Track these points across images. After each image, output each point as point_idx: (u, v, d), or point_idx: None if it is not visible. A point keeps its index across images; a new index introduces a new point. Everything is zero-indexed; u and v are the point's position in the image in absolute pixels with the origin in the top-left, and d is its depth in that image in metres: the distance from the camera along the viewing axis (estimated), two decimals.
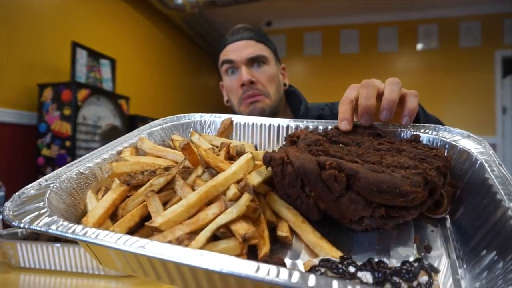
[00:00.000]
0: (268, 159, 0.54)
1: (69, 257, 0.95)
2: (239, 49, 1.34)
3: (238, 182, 0.51)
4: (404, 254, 0.49)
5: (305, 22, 5.90)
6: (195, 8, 4.80)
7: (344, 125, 0.64)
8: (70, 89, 3.02)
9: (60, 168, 0.57)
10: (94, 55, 3.54)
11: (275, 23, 6.00)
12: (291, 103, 1.46)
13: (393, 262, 0.47)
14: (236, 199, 0.47)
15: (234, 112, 1.40)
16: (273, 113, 1.34)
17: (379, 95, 0.65)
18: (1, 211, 1.33)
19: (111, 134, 3.52)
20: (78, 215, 0.54)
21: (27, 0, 3.08)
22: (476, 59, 5.28)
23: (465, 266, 0.47)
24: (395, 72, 5.62)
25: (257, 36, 1.38)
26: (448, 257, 0.49)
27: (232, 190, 0.48)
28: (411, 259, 0.48)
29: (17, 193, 0.49)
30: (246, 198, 0.47)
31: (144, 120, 4.25)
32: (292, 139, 0.63)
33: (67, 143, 3.00)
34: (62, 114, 3.02)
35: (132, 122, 3.93)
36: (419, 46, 5.59)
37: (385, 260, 0.47)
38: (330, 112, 1.39)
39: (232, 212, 0.45)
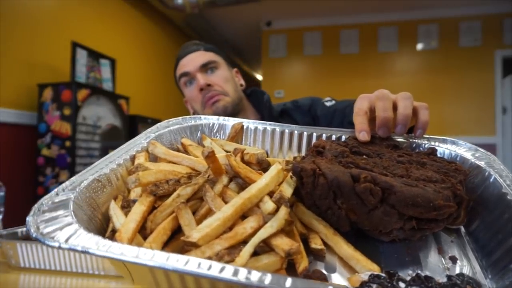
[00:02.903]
0: (299, 170, 0.53)
1: (69, 257, 0.95)
2: (191, 61, 1.43)
3: (269, 193, 0.50)
4: (436, 265, 0.50)
5: (305, 22, 5.89)
6: (195, 8, 4.80)
7: (363, 136, 0.66)
8: (70, 89, 3.02)
9: (75, 176, 0.55)
10: (94, 55, 3.54)
11: (275, 23, 6.00)
12: (253, 102, 1.54)
13: (427, 274, 0.48)
14: (273, 212, 0.47)
15: None
16: (236, 111, 1.42)
17: (393, 107, 0.68)
18: (1, 211, 1.33)
19: (111, 134, 3.52)
20: (98, 227, 0.52)
21: (27, 0, 3.08)
22: (476, 59, 5.28)
23: (490, 276, 0.49)
24: (395, 72, 5.62)
25: (204, 47, 1.48)
26: (472, 268, 0.50)
27: (270, 204, 0.47)
28: (442, 271, 0.49)
29: (36, 205, 0.46)
30: (284, 211, 0.46)
31: (144, 120, 4.25)
32: (318, 149, 0.62)
33: (67, 143, 3.00)
34: (62, 114, 3.02)
35: (132, 122, 3.93)
36: (419, 46, 5.59)
37: (419, 271, 0.48)
38: (292, 105, 1.46)
39: (272, 226, 0.44)
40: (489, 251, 0.51)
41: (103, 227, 0.53)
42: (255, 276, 0.34)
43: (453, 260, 0.51)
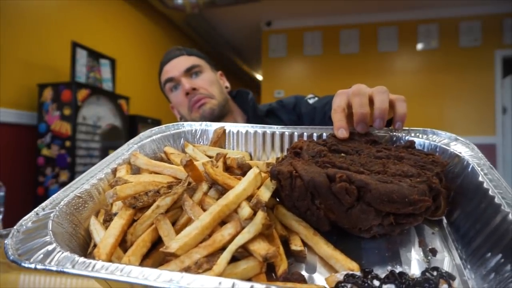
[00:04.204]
0: (276, 173, 0.54)
1: None
2: (175, 66, 1.44)
3: (248, 198, 0.50)
4: (414, 258, 0.51)
5: (305, 22, 5.89)
6: (195, 8, 4.80)
7: (342, 133, 0.67)
8: (70, 89, 3.02)
9: (56, 194, 0.55)
10: (94, 55, 3.54)
11: (275, 23, 6.00)
12: (239, 103, 1.55)
13: (406, 269, 0.49)
14: (251, 218, 0.47)
15: None
16: (223, 113, 1.43)
17: (370, 102, 0.68)
18: (1, 211, 1.33)
19: (111, 134, 3.52)
20: (81, 243, 0.52)
21: (27, 0, 3.08)
22: (476, 59, 5.28)
23: (469, 266, 0.49)
24: (395, 72, 5.61)
25: (187, 52, 1.49)
26: (452, 259, 0.51)
27: (247, 209, 0.47)
28: (422, 264, 0.50)
29: (15, 227, 0.46)
30: (261, 216, 0.46)
31: (144, 120, 4.25)
32: (296, 151, 0.63)
33: (67, 143, 3.00)
34: (62, 114, 3.02)
35: (132, 122, 3.93)
36: (419, 46, 5.59)
37: (398, 267, 0.49)
38: (277, 105, 1.48)
39: (249, 232, 0.45)
40: (469, 240, 0.52)
41: (86, 242, 0.54)
42: (226, 284, 0.35)
43: (433, 252, 0.52)
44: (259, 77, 8.91)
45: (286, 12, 5.69)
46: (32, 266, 0.39)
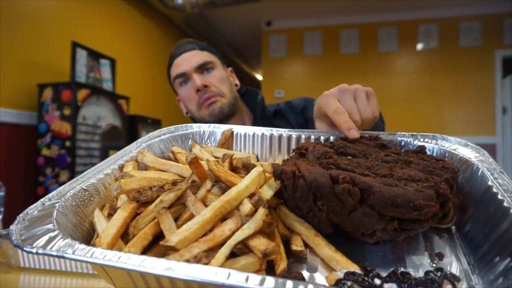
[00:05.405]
0: (279, 173, 0.53)
1: None
2: (186, 60, 1.41)
3: (250, 196, 0.50)
4: (419, 262, 0.50)
5: (305, 22, 5.89)
6: (195, 8, 4.80)
7: (353, 133, 0.66)
8: (70, 89, 3.02)
9: (62, 186, 0.56)
10: (94, 55, 3.54)
11: (275, 23, 6.00)
12: (247, 101, 1.53)
13: (410, 271, 0.47)
14: (252, 214, 0.47)
15: (195, 121, 1.46)
16: (232, 111, 1.41)
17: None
18: (1, 211, 1.33)
19: (111, 134, 3.52)
20: (84, 235, 0.53)
21: (27, 0, 3.08)
22: (476, 59, 5.27)
23: (477, 272, 0.48)
24: (395, 72, 5.61)
25: (199, 46, 1.46)
26: (460, 264, 0.50)
27: (248, 205, 0.47)
28: (428, 268, 0.49)
29: (21, 215, 0.47)
30: (262, 212, 0.46)
31: (144, 120, 4.25)
32: (301, 151, 0.62)
33: (67, 143, 3.00)
34: (62, 114, 3.02)
35: (132, 122, 3.93)
36: (419, 46, 5.59)
37: (401, 269, 0.48)
38: (285, 106, 1.46)
39: (249, 228, 0.45)
40: (477, 245, 0.51)
41: (90, 235, 0.54)
42: (222, 274, 0.34)
43: (440, 256, 0.51)
44: (259, 77, 8.91)
45: (286, 12, 5.69)
46: (34, 250, 0.40)
